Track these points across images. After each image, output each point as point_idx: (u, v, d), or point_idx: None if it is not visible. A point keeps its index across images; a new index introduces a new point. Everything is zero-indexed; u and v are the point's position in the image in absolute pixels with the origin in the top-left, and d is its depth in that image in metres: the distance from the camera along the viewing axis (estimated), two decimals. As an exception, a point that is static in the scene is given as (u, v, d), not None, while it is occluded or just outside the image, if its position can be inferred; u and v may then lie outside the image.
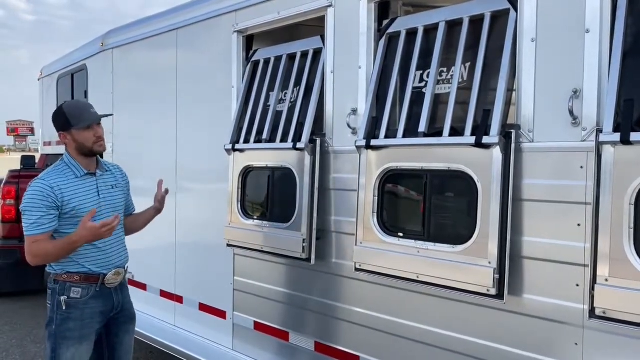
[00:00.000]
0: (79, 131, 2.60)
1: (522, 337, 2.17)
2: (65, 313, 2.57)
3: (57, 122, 2.65)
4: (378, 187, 2.57)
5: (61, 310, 2.56)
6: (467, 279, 2.23)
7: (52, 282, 2.63)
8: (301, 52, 3.11)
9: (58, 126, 2.65)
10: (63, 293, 2.57)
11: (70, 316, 2.57)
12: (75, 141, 2.61)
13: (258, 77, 3.33)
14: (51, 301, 2.61)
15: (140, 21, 4.57)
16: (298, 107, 3.01)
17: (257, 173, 3.27)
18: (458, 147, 2.26)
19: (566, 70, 2.05)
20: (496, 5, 2.32)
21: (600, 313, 1.88)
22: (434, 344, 2.46)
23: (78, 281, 2.59)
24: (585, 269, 1.99)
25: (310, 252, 2.88)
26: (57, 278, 2.60)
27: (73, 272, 2.59)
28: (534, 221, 2.13)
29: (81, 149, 2.63)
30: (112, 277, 2.66)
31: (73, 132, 2.60)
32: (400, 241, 2.48)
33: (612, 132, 1.84)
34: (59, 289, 2.58)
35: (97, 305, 2.63)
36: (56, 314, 2.57)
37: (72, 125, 2.60)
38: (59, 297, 2.56)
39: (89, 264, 2.61)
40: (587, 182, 1.98)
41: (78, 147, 2.63)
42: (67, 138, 2.63)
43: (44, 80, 6.64)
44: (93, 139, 2.63)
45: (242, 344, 3.48)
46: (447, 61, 2.46)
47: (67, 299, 2.57)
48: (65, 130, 2.62)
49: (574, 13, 2.03)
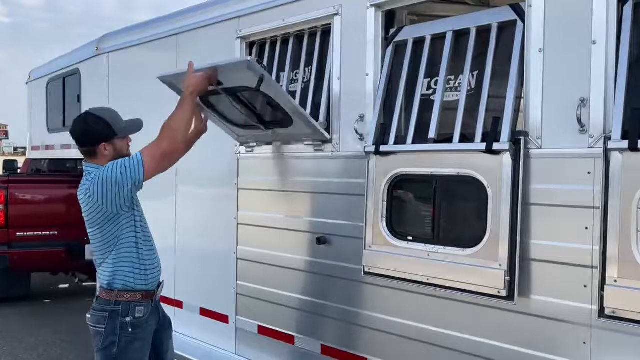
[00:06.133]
0: (121, 140, 2.53)
1: (532, 337, 2.24)
2: (131, 335, 2.45)
3: (97, 133, 2.46)
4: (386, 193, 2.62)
5: (126, 332, 2.43)
6: (477, 281, 2.30)
7: (109, 303, 2.45)
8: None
9: (100, 137, 2.46)
10: (127, 314, 2.44)
11: (136, 337, 2.47)
12: (115, 150, 2.50)
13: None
14: (108, 324, 2.44)
15: (138, 26, 4.56)
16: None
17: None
18: (470, 153, 2.33)
19: (573, 79, 2.14)
20: (503, 17, 2.40)
21: (610, 313, 1.96)
22: (443, 345, 2.52)
23: (140, 299, 2.48)
24: (593, 270, 2.07)
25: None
26: (118, 299, 2.45)
27: (137, 290, 2.47)
28: (542, 225, 2.21)
29: (117, 158, 2.45)
30: (159, 291, 2.62)
31: (116, 141, 2.50)
32: (411, 245, 2.54)
33: (621, 140, 1.93)
34: (122, 310, 2.44)
35: (153, 322, 2.57)
36: (119, 336, 2.43)
37: (116, 134, 2.49)
38: (124, 318, 2.43)
39: (145, 280, 2.51)
40: (595, 187, 2.07)
41: (115, 157, 2.47)
42: (106, 149, 2.47)
43: (33, 84, 6.56)
44: (127, 146, 2.58)
45: (246, 349, 3.50)
46: (454, 69, 2.53)
47: (133, 319, 2.45)
48: (107, 141, 2.47)
49: (580, 25, 2.12)
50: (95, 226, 2.44)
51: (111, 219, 2.41)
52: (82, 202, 2.45)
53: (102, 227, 2.43)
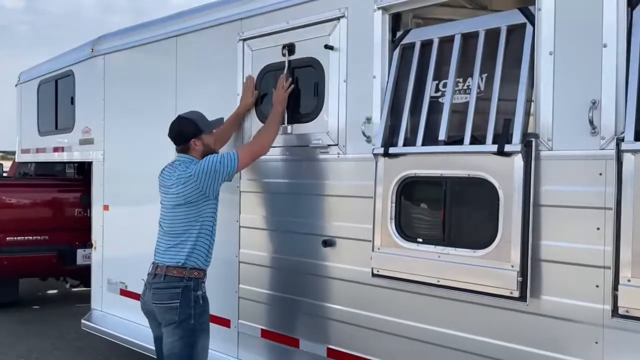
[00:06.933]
0: (207, 135, 3.01)
1: (544, 338, 2.26)
2: (202, 307, 2.83)
3: (188, 131, 2.97)
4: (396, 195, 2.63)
5: (199, 304, 2.81)
6: (489, 283, 2.31)
7: (182, 280, 2.81)
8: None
9: (189, 135, 2.97)
10: (198, 289, 2.83)
11: (205, 309, 2.87)
12: (204, 145, 2.99)
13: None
14: (183, 299, 2.78)
15: (136, 27, 4.52)
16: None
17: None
18: (481, 155, 2.34)
19: (584, 82, 2.16)
20: (512, 20, 2.43)
21: (624, 312, 1.99)
22: (453, 347, 2.52)
23: (203, 277, 2.89)
24: (605, 270, 2.09)
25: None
26: (190, 275, 2.83)
27: (202, 268, 2.88)
28: (554, 226, 2.23)
29: (206, 152, 2.98)
30: None
31: (203, 137, 2.98)
32: (420, 246, 2.54)
33: (634, 141, 1.96)
34: (194, 285, 2.82)
35: None
36: (193, 308, 2.79)
37: (202, 131, 2.98)
38: (196, 292, 2.81)
39: (206, 261, 2.92)
40: (607, 188, 2.09)
41: (205, 150, 2.98)
42: (196, 144, 2.97)
43: (22, 86, 6.45)
44: (213, 141, 3.09)
45: (248, 353, 3.47)
46: (463, 72, 2.55)
47: (203, 293, 2.85)
48: (196, 137, 2.96)
49: (590, 29, 2.15)
50: (186, 205, 2.87)
51: (203, 200, 2.87)
52: (181, 183, 2.88)
53: (194, 204, 2.87)
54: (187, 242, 2.86)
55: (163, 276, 2.84)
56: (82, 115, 5.08)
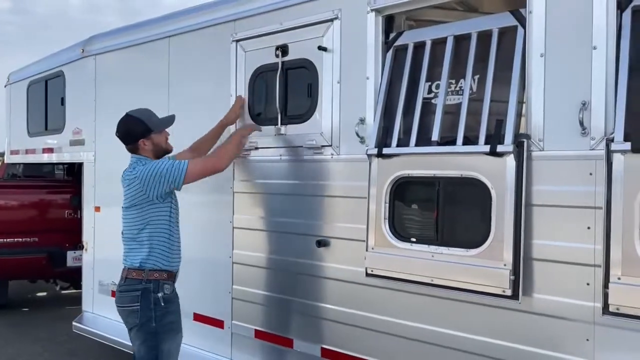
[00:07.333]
0: (157, 135, 2.90)
1: (536, 335, 2.29)
2: (163, 309, 2.77)
3: (136, 131, 2.87)
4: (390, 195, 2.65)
5: (159, 306, 2.75)
6: (482, 281, 2.34)
7: (141, 282, 2.77)
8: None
9: (137, 134, 2.87)
10: (158, 290, 2.77)
11: (169, 310, 2.80)
12: (154, 144, 2.90)
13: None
14: (143, 301, 2.75)
15: (128, 27, 4.51)
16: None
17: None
18: (473, 156, 2.37)
19: (575, 83, 2.20)
20: (503, 22, 2.46)
21: (614, 309, 2.02)
22: (447, 346, 2.55)
23: (166, 279, 2.82)
24: (596, 269, 2.13)
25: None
26: (150, 277, 2.78)
27: (164, 270, 2.81)
28: (545, 225, 2.27)
29: (157, 151, 2.92)
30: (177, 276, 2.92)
31: (153, 136, 2.88)
32: (414, 246, 2.57)
33: (623, 141, 2.00)
34: (154, 287, 2.77)
35: (177, 300, 2.91)
36: (154, 311, 2.74)
37: (151, 131, 2.88)
38: (156, 294, 2.76)
39: (170, 262, 2.85)
40: (597, 187, 2.13)
41: (156, 149, 2.91)
42: (145, 144, 2.88)
43: (12, 87, 6.40)
44: (165, 140, 2.96)
45: (242, 354, 3.47)
46: (455, 73, 2.58)
47: (164, 294, 2.78)
48: (145, 137, 2.87)
49: (580, 31, 2.19)
50: (133, 208, 2.82)
51: (147, 204, 2.79)
52: (127, 184, 2.84)
53: (139, 207, 2.80)
54: (142, 244, 2.81)
55: (124, 279, 2.83)
56: (73, 116, 5.05)
